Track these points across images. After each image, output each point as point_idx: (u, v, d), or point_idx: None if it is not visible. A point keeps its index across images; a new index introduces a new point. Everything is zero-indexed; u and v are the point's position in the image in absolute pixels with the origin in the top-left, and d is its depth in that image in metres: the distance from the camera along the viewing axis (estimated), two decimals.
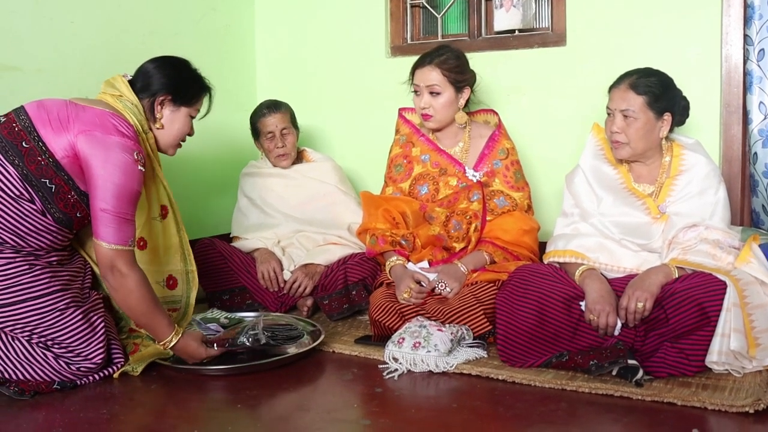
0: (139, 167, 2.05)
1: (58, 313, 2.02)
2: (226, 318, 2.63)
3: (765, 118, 2.76)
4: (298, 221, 3.10)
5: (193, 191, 3.38)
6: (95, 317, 2.10)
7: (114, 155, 2.00)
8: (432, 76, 2.64)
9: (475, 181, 2.68)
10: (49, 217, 2.02)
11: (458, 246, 2.64)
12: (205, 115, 2.37)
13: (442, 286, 2.48)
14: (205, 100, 2.34)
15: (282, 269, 2.96)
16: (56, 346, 2.03)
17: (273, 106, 3.15)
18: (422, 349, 2.18)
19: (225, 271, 2.93)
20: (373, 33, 3.52)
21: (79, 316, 2.05)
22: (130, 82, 2.21)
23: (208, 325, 2.49)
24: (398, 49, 3.51)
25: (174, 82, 2.23)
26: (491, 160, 2.72)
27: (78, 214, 2.08)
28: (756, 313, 2.05)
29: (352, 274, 2.82)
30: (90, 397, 2.00)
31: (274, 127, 3.10)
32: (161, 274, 2.33)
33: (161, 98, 2.21)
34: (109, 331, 2.14)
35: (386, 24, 3.51)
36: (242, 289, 2.94)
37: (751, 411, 1.80)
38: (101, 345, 2.08)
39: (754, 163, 2.80)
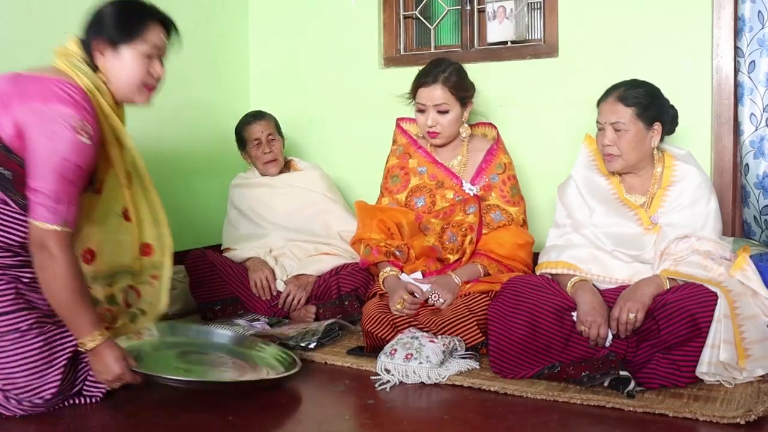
0: (83, 139, 1.80)
1: (18, 335, 1.85)
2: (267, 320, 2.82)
3: (756, 130, 2.78)
4: (288, 230, 3.10)
5: (183, 202, 3.38)
6: (58, 347, 1.90)
7: (50, 126, 1.78)
8: (438, 94, 2.63)
9: (471, 194, 2.68)
10: (12, 205, 1.85)
11: (452, 258, 2.63)
12: (168, 47, 2.03)
13: (435, 297, 2.48)
14: (159, 31, 1.98)
15: (275, 278, 2.95)
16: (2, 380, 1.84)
17: (257, 114, 3.22)
18: (414, 361, 2.17)
19: (217, 281, 2.92)
20: (366, 44, 3.53)
21: (40, 343, 1.86)
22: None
23: (253, 323, 2.69)
24: (391, 60, 3.52)
25: (102, 21, 1.94)
26: (488, 174, 2.72)
27: None
28: (746, 324, 2.06)
29: (344, 284, 2.82)
30: (80, 411, 1.97)
31: (260, 133, 3.14)
32: (136, 245, 2.10)
33: (95, 44, 1.93)
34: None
35: (379, 35, 3.52)
36: (234, 300, 2.92)
37: (742, 422, 1.80)
38: (57, 379, 1.88)
39: (745, 174, 2.81)
